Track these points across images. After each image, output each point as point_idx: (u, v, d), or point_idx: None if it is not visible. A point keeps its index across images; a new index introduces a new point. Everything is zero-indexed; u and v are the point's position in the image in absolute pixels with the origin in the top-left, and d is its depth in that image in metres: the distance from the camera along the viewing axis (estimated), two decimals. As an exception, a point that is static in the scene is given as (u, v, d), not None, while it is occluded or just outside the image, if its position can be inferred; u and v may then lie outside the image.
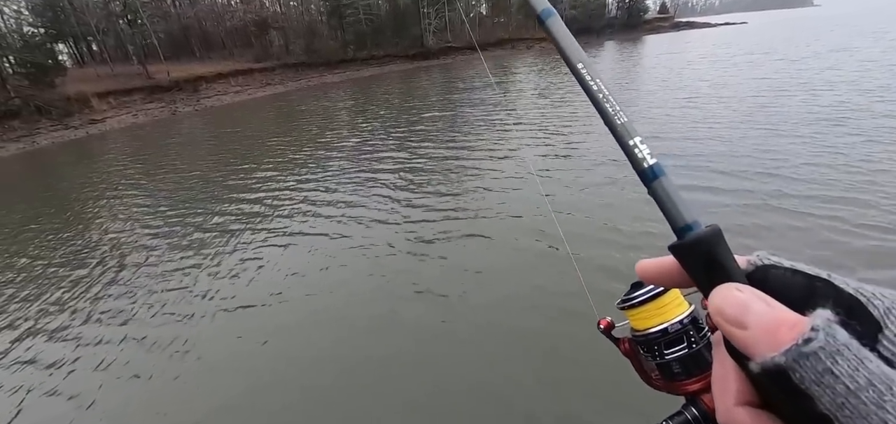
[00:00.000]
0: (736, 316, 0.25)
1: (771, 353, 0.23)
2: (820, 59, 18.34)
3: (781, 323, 0.24)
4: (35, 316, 5.96)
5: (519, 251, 5.74)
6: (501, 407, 3.44)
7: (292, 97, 35.00)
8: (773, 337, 0.23)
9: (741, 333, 0.25)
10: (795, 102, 11.18)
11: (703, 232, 0.30)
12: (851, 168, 6.74)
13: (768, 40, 30.75)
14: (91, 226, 9.77)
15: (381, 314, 4.85)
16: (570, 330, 4.03)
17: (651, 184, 0.32)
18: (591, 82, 0.35)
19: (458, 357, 4.04)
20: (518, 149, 10.81)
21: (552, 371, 3.71)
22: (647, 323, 0.45)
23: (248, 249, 7.05)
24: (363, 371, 4.03)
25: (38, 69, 33.79)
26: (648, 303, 0.45)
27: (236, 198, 10.07)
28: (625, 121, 0.33)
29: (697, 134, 9.63)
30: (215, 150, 17.08)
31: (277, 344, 4.60)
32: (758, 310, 0.25)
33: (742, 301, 0.26)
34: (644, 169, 0.32)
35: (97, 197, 12.41)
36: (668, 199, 0.31)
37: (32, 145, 28.35)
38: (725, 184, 6.78)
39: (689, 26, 67.83)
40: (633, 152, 0.33)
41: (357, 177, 10.22)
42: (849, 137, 7.99)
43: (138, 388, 4.29)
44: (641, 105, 13.77)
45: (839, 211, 5.50)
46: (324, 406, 3.70)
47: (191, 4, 53.03)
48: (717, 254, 0.29)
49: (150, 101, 36.94)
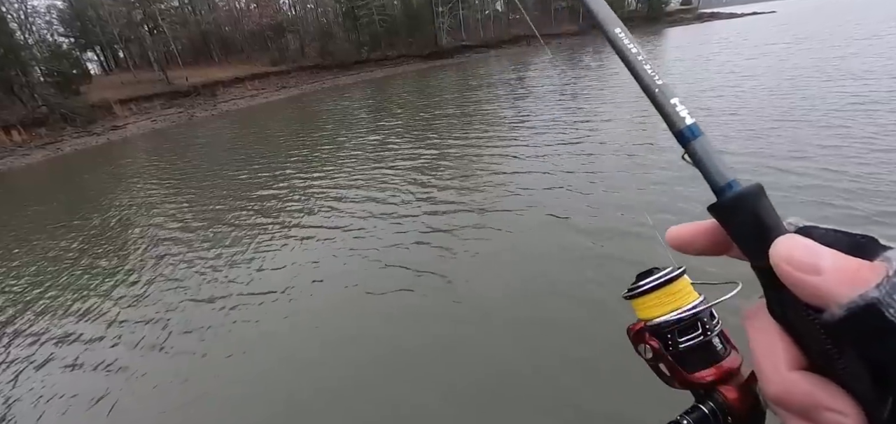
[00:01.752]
0: (809, 261, 0.24)
1: (857, 292, 0.22)
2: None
3: (860, 266, 0.23)
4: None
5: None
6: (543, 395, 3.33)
7: (308, 99, 35.16)
8: (855, 279, 0.22)
9: (815, 279, 0.24)
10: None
11: (747, 188, 0.29)
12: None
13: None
14: (126, 223, 10.10)
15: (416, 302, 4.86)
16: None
17: (689, 145, 0.31)
18: (629, 46, 0.34)
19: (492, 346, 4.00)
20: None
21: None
22: (659, 310, 0.43)
23: (288, 242, 7.10)
24: (398, 359, 4.06)
25: (64, 78, 34.95)
26: (660, 289, 0.43)
27: (261, 195, 10.10)
28: (662, 84, 0.33)
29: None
30: (233, 153, 17.12)
31: (319, 333, 4.67)
32: (831, 254, 0.24)
33: (813, 246, 0.25)
34: (682, 129, 0.31)
35: (125, 198, 12.63)
36: (708, 158, 0.30)
37: (57, 152, 29.19)
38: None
39: (712, 17, 65.24)
40: (671, 113, 0.32)
41: (385, 174, 9.97)
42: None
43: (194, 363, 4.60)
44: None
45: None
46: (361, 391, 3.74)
47: (210, 10, 54.18)
48: (763, 211, 0.28)
49: (170, 107, 37.76)
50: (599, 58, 28.29)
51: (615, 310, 3.83)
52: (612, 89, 15.86)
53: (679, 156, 0.32)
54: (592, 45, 42.36)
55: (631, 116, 11.17)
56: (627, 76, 0.32)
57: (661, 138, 8.66)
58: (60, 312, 6.16)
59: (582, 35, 57.21)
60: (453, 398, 3.48)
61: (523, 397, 3.35)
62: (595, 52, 32.88)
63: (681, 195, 6.08)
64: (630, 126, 10.38)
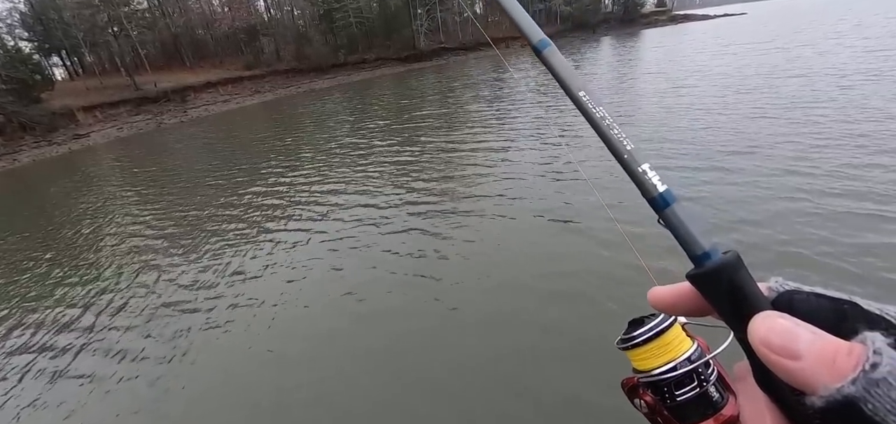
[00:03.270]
0: (786, 345, 0.23)
1: (834, 384, 0.21)
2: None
3: (838, 350, 0.22)
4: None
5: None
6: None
7: (282, 104, 34.46)
8: (832, 367, 0.21)
9: (794, 364, 0.23)
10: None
11: (723, 259, 0.28)
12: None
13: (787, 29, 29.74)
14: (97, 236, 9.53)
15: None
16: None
17: (663, 212, 0.30)
18: (594, 110, 0.34)
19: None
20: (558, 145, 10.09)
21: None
22: (654, 362, 0.43)
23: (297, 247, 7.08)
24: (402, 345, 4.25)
25: (22, 85, 33.37)
26: (653, 341, 0.43)
27: (230, 202, 9.69)
28: (632, 148, 0.32)
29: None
30: (204, 159, 16.53)
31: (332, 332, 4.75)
32: (807, 338, 0.23)
33: (790, 329, 0.24)
34: (654, 196, 0.31)
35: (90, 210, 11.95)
36: (682, 226, 0.30)
37: (13, 163, 27.86)
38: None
39: (686, 19, 66.68)
40: (642, 179, 0.31)
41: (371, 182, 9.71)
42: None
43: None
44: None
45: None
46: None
47: (181, 13, 52.66)
48: (741, 282, 0.27)
49: (137, 114, 36.49)
50: (578, 60, 28.42)
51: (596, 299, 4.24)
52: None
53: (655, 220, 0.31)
54: (569, 47, 42.71)
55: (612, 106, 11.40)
56: (609, 77, 0.33)
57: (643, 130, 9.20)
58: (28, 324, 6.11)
59: (560, 37, 57.71)
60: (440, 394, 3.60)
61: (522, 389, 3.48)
62: (576, 51, 33.12)
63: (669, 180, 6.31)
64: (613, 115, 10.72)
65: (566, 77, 0.35)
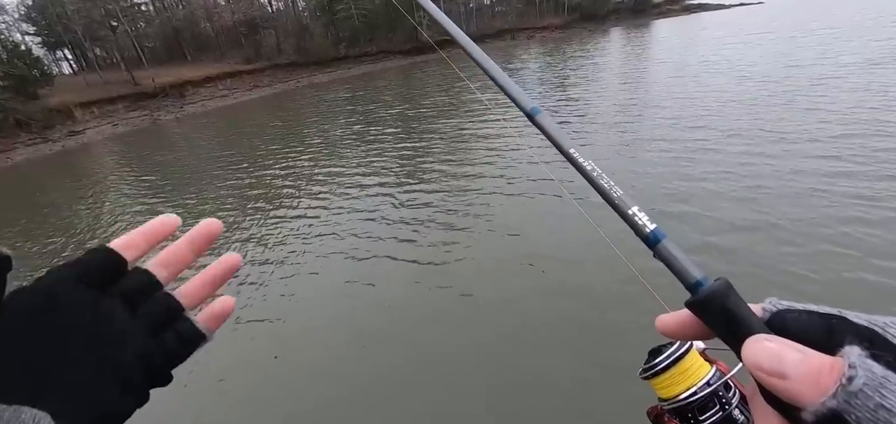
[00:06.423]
0: (774, 367, 0.25)
1: (819, 399, 0.22)
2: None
3: (821, 367, 0.23)
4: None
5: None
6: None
7: (281, 99, 33.66)
8: (816, 383, 0.23)
9: (783, 383, 0.24)
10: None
11: (713, 286, 0.30)
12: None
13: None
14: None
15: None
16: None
17: (655, 248, 0.33)
18: (585, 164, 0.37)
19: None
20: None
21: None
22: (675, 389, 0.44)
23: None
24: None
25: (19, 81, 33.00)
26: (672, 368, 0.45)
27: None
28: (621, 194, 0.35)
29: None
30: (203, 160, 15.76)
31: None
32: (793, 359, 0.24)
33: (775, 351, 0.25)
34: (646, 234, 0.33)
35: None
36: (674, 259, 0.32)
37: (7, 161, 27.50)
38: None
39: (700, 8, 64.26)
40: (634, 221, 0.34)
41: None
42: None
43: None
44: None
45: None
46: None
47: (183, 6, 52.01)
48: (732, 306, 0.29)
49: (134, 110, 35.98)
50: (580, 60, 27.13)
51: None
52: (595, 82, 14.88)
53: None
54: (577, 39, 41.21)
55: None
56: (613, 72, 0.32)
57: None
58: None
59: (567, 28, 56.00)
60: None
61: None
62: (579, 44, 31.71)
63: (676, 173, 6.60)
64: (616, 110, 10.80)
65: (558, 138, 0.39)
